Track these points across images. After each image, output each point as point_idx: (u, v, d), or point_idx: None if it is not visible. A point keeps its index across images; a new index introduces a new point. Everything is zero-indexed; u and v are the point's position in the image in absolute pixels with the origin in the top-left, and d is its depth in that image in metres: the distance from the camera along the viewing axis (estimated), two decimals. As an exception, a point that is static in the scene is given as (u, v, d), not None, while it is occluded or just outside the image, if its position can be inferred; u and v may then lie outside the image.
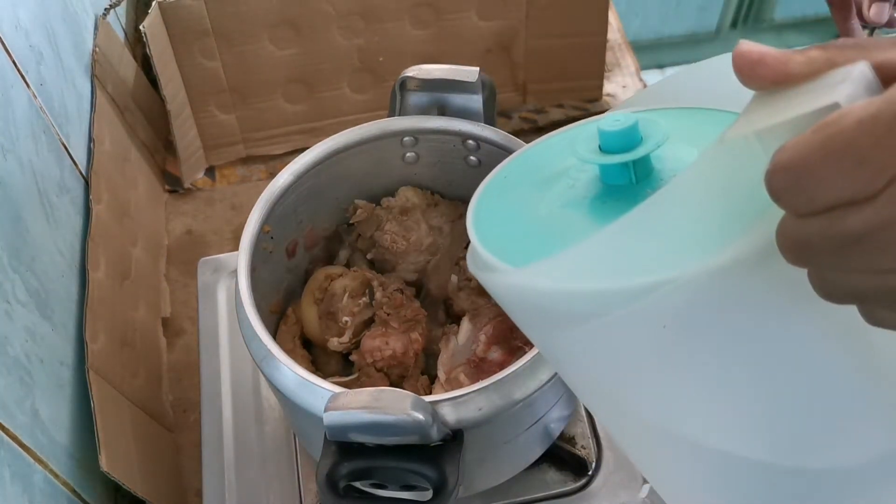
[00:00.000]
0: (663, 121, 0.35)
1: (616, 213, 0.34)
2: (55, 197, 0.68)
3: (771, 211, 0.28)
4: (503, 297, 0.35)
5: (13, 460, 0.53)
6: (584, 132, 0.37)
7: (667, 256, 0.29)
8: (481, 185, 0.42)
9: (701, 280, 0.29)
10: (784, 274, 0.28)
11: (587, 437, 0.67)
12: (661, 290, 0.29)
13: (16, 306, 0.58)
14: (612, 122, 0.35)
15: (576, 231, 0.36)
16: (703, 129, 0.37)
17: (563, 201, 0.37)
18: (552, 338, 0.35)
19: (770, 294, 0.30)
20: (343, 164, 0.64)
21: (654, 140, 0.34)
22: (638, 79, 1.01)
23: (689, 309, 0.30)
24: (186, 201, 0.95)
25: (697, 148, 0.36)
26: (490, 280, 0.35)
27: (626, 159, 0.34)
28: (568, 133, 0.42)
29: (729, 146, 0.29)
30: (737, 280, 0.29)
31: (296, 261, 0.68)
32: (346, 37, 0.90)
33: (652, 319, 0.30)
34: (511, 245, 0.36)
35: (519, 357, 0.52)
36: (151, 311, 0.83)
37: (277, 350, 0.53)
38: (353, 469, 0.49)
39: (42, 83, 0.69)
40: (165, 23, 0.85)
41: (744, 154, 0.29)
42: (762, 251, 0.29)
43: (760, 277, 0.29)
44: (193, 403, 0.78)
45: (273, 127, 0.96)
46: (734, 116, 0.31)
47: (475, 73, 0.61)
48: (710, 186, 0.29)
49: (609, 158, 0.35)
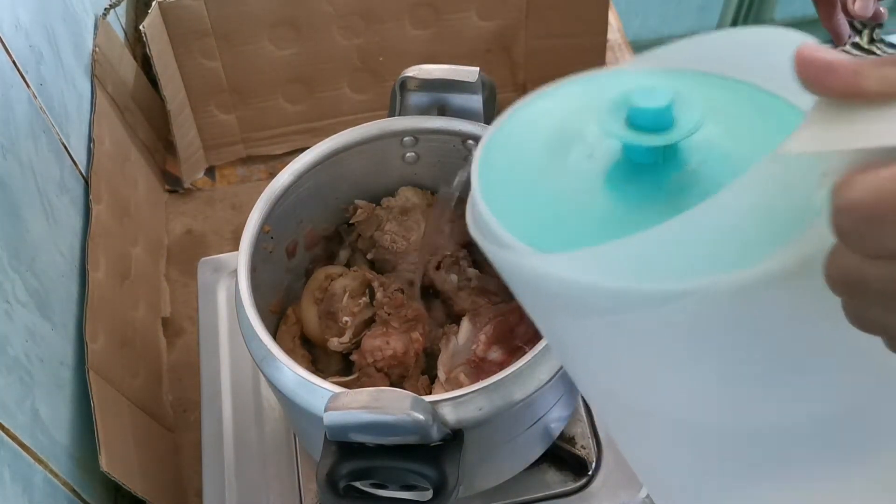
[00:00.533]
0: (694, 92, 0.32)
1: (640, 195, 0.32)
2: (55, 197, 0.68)
3: (814, 228, 0.26)
4: (513, 276, 0.33)
5: (13, 460, 0.53)
6: (606, 93, 0.33)
7: (701, 264, 0.28)
8: (483, 140, 0.37)
9: (732, 291, 0.28)
10: (815, 292, 0.28)
11: (587, 437, 0.67)
12: (691, 297, 0.28)
13: (16, 306, 0.58)
14: (646, 96, 0.32)
15: (597, 212, 0.33)
16: (735, 106, 0.34)
17: (580, 173, 0.34)
18: (561, 325, 0.34)
19: (798, 308, 0.29)
20: (343, 164, 0.64)
21: (688, 123, 0.32)
22: (638, 79, 1.01)
23: (714, 316, 0.29)
24: (186, 201, 0.95)
25: (725, 127, 0.33)
26: (500, 256, 0.33)
27: (659, 143, 0.32)
28: (585, 86, 0.39)
29: (787, 159, 0.27)
30: (768, 293, 0.28)
31: (296, 261, 0.68)
32: (346, 37, 0.90)
33: (675, 323, 0.29)
34: (525, 219, 0.33)
35: (519, 357, 0.52)
36: (151, 311, 0.83)
37: (277, 350, 0.53)
38: (353, 469, 0.49)
39: (42, 83, 0.69)
40: (165, 23, 0.85)
41: (800, 168, 0.27)
42: (800, 268, 0.27)
43: (793, 291, 0.28)
44: (193, 403, 0.78)
45: (273, 127, 0.96)
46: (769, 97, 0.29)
47: (475, 73, 0.61)
48: (757, 198, 0.28)
49: (639, 138, 0.32)
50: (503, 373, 0.51)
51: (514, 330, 0.62)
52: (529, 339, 0.61)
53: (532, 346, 0.59)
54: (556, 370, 0.52)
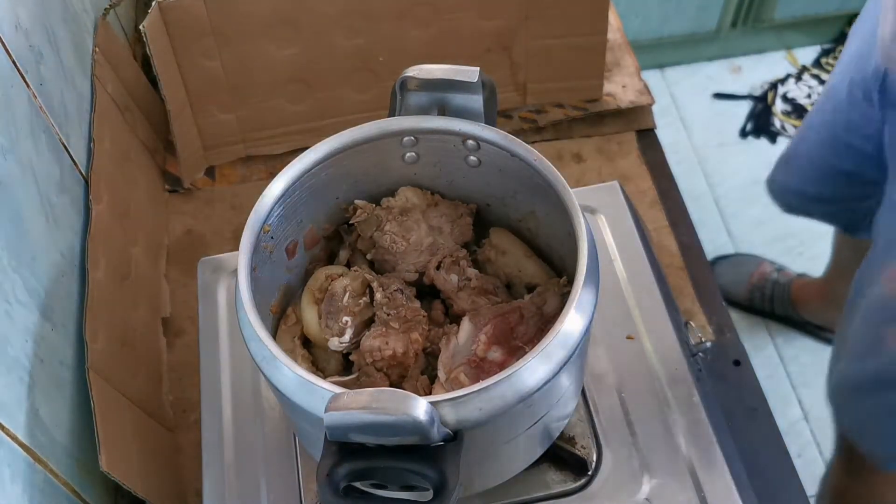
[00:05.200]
0: None
1: None
2: (55, 197, 0.68)
3: None
4: None
5: (13, 460, 0.53)
6: None
7: None
8: None
9: None
10: None
11: (587, 437, 0.67)
12: None
13: (16, 306, 0.58)
14: None
15: None
16: None
17: None
18: None
19: None
20: (343, 164, 0.64)
21: None
22: (638, 78, 1.01)
23: None
24: (186, 201, 0.95)
25: None
26: None
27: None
28: None
29: None
30: None
31: (296, 261, 0.68)
32: (346, 37, 0.90)
33: None
34: None
35: (519, 357, 0.52)
36: (151, 311, 0.83)
37: (277, 350, 0.53)
38: (353, 469, 0.49)
39: (42, 83, 0.69)
40: (165, 23, 0.85)
41: None
42: None
43: None
44: (193, 403, 0.78)
45: (273, 127, 0.96)
46: None
47: (475, 73, 0.61)
48: None
49: None
50: (503, 373, 0.50)
51: (514, 330, 0.62)
52: (529, 339, 0.61)
53: (532, 346, 0.59)
54: (556, 371, 0.52)
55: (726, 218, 1.89)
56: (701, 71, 2.13)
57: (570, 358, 0.53)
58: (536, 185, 0.61)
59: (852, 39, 1.06)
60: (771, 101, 2.08)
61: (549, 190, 0.59)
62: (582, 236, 0.56)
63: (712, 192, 1.93)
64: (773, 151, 2.00)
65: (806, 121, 1.21)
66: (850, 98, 1.02)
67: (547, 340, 0.52)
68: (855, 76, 1.01)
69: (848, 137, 1.07)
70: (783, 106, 2.08)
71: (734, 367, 0.83)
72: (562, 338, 0.52)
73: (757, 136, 2.04)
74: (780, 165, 1.32)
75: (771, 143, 2.02)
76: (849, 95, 1.02)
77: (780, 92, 2.11)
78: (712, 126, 2.05)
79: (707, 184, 1.95)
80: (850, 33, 1.08)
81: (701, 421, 0.68)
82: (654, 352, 0.72)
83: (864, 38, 0.99)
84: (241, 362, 0.73)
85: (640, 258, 0.77)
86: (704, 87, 2.11)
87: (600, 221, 0.79)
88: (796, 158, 1.25)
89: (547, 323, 0.62)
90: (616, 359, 0.71)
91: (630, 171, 0.95)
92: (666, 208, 0.91)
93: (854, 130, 1.05)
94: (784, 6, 1.99)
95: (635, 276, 0.76)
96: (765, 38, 2.13)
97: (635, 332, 0.73)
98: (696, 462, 0.66)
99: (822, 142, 1.15)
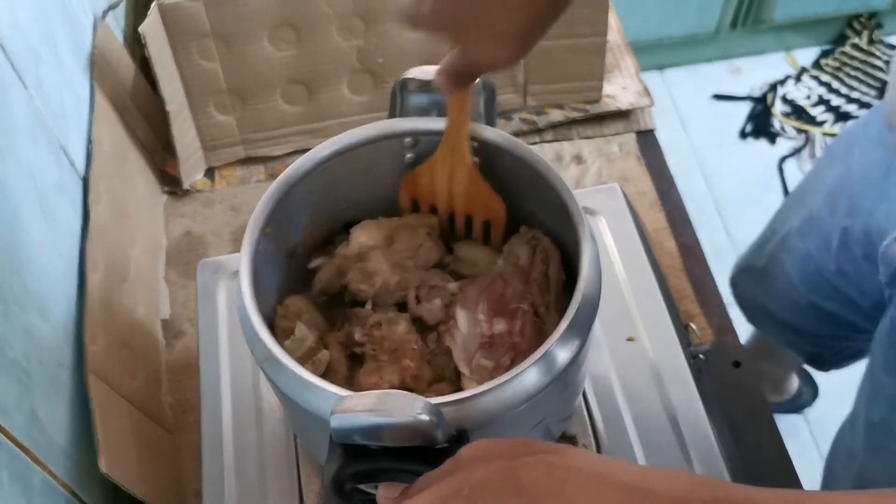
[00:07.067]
0: None
1: None
2: (54, 198, 0.68)
3: None
4: None
5: (11, 461, 0.53)
6: None
7: None
8: None
9: None
10: None
11: (587, 437, 0.68)
12: None
13: (14, 308, 0.58)
14: None
15: None
16: None
17: None
18: None
19: None
20: (343, 166, 0.64)
21: None
22: (638, 80, 1.01)
23: None
24: (185, 203, 0.95)
25: None
26: None
27: None
28: None
29: None
30: None
31: (296, 262, 0.68)
32: (345, 38, 0.90)
33: None
34: None
35: (521, 318, 0.51)
36: (150, 313, 0.83)
37: (281, 352, 0.53)
38: (358, 471, 0.49)
39: (40, 84, 0.69)
40: (164, 24, 0.85)
41: None
42: None
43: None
44: (193, 405, 0.78)
45: (272, 128, 0.96)
46: None
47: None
48: None
49: None
50: (507, 375, 0.51)
51: (504, 295, 0.62)
52: (521, 297, 0.61)
53: (525, 301, 0.60)
54: (559, 371, 0.52)
55: (725, 219, 1.89)
56: (700, 72, 2.14)
57: (572, 359, 0.53)
58: (537, 186, 0.61)
59: (835, 164, 0.93)
60: (770, 103, 2.08)
61: (549, 191, 0.59)
62: (585, 238, 0.56)
63: (712, 193, 1.93)
64: (773, 152, 2.01)
65: (785, 222, 1.04)
66: (842, 248, 0.91)
67: (550, 342, 0.52)
68: (851, 226, 0.89)
69: (837, 282, 0.95)
70: (782, 107, 2.08)
71: (734, 368, 0.83)
72: (564, 339, 0.52)
73: (756, 137, 2.04)
74: (756, 276, 1.13)
75: (770, 144, 2.02)
76: (841, 245, 0.91)
77: (780, 93, 2.11)
78: (712, 127, 2.05)
79: (706, 185, 1.95)
80: (827, 154, 0.97)
81: (701, 422, 0.68)
82: (655, 353, 0.72)
83: (864, 178, 0.86)
84: (241, 364, 0.73)
85: (641, 259, 0.77)
86: (704, 88, 2.12)
87: (600, 223, 0.79)
88: (776, 281, 1.07)
89: (527, 274, 0.62)
90: (616, 360, 0.71)
91: (630, 172, 0.95)
92: (666, 210, 0.91)
93: (848, 282, 0.94)
94: (783, 7, 1.99)
95: (635, 278, 0.76)
96: (764, 40, 2.13)
97: (635, 334, 0.73)
98: (696, 462, 0.66)
99: (806, 275, 1.00)
